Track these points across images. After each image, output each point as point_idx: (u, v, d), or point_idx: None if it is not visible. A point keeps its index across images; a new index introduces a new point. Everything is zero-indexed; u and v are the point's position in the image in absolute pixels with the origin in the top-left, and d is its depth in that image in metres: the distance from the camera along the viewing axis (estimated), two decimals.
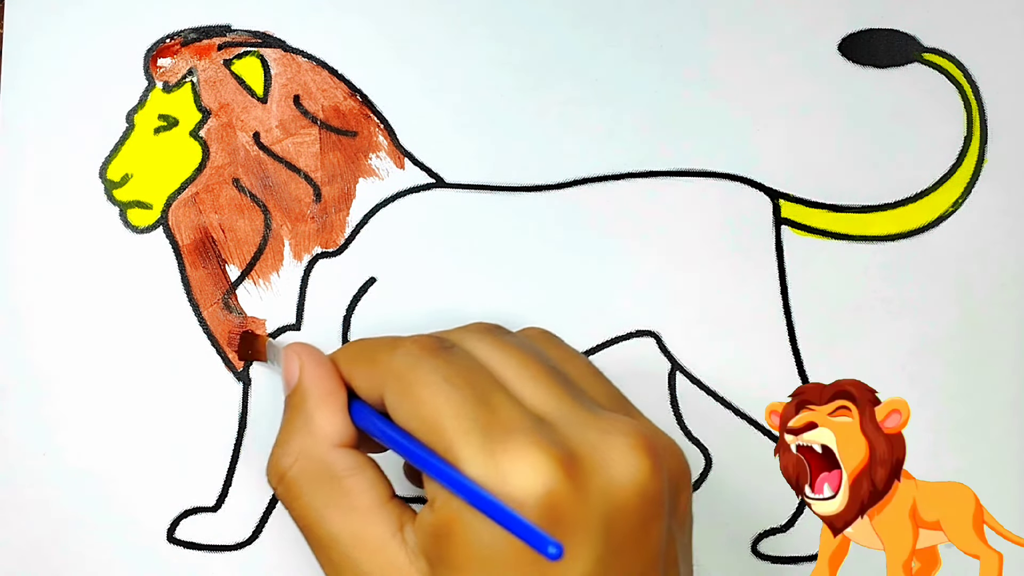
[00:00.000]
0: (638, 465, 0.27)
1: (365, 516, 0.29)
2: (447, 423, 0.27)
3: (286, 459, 0.31)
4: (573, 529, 0.26)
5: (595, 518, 0.27)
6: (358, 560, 0.29)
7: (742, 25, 0.42)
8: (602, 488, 0.27)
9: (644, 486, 0.27)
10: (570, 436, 0.27)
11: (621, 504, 0.27)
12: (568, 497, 0.26)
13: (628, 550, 0.27)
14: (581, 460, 0.27)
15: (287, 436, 0.31)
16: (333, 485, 0.30)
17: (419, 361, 0.29)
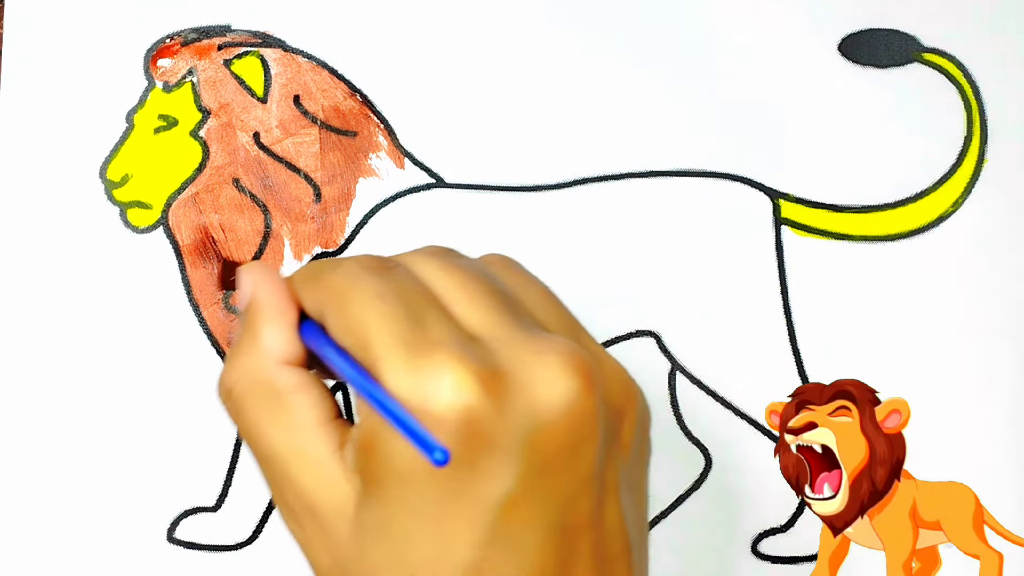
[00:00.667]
0: (567, 384, 0.27)
1: (305, 433, 0.29)
2: (373, 338, 0.27)
3: (232, 375, 0.31)
4: (492, 446, 0.26)
5: (516, 436, 0.26)
6: (296, 476, 0.29)
7: (742, 25, 0.42)
8: (525, 406, 0.26)
9: (572, 405, 0.27)
10: (499, 354, 0.27)
11: (546, 423, 0.27)
12: (487, 414, 0.26)
13: (554, 471, 0.27)
14: (504, 377, 0.27)
15: (235, 352, 0.31)
16: (275, 401, 0.30)
17: (357, 279, 0.28)
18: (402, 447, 0.26)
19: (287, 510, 0.29)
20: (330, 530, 0.29)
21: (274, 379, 0.30)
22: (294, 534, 0.30)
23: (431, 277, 0.29)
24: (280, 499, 0.30)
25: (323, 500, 0.28)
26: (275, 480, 0.30)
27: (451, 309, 0.29)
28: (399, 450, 0.26)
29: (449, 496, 0.27)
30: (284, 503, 0.29)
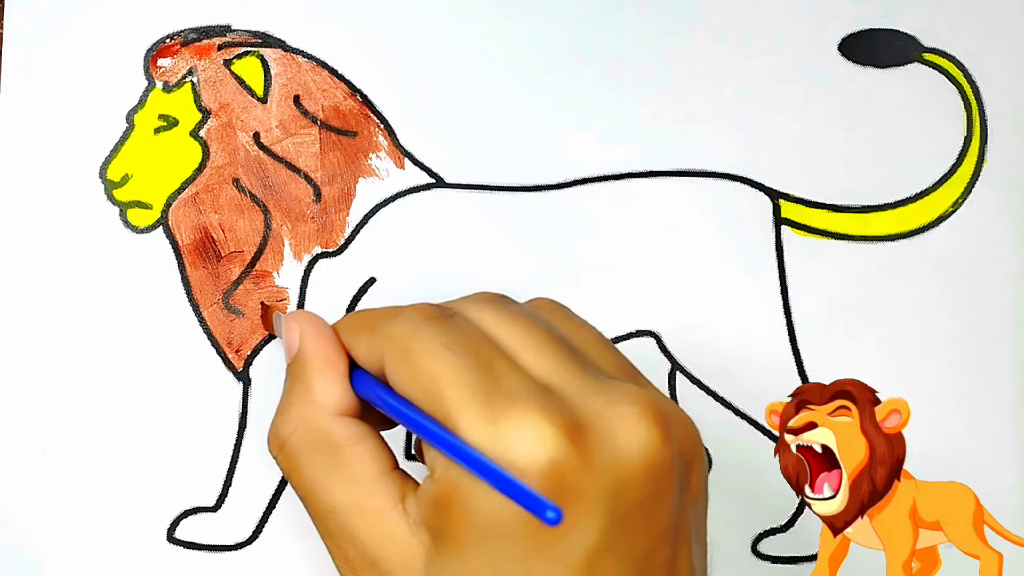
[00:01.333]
0: (646, 435, 0.26)
1: (365, 486, 0.28)
2: (447, 391, 0.26)
3: (286, 427, 0.30)
4: (577, 499, 0.25)
5: (601, 489, 0.26)
6: (357, 531, 0.28)
7: (742, 25, 0.42)
8: (608, 458, 0.26)
9: (653, 457, 0.26)
10: (576, 405, 0.27)
11: (628, 475, 0.26)
12: (573, 466, 0.25)
13: (635, 523, 0.26)
14: (587, 429, 0.26)
15: (287, 404, 0.31)
16: (333, 454, 0.29)
17: (419, 328, 0.28)
18: (488, 503, 0.26)
19: (346, 564, 0.29)
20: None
21: (330, 431, 0.29)
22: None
23: (491, 326, 0.29)
24: (339, 553, 0.29)
25: (388, 555, 0.28)
26: (333, 534, 0.29)
27: (517, 358, 0.28)
28: (484, 506, 0.26)
29: (533, 552, 0.26)
30: (344, 557, 0.29)
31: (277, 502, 0.40)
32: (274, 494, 0.40)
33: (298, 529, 0.40)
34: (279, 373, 0.40)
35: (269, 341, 0.40)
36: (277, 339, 0.40)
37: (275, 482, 0.40)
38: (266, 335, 0.40)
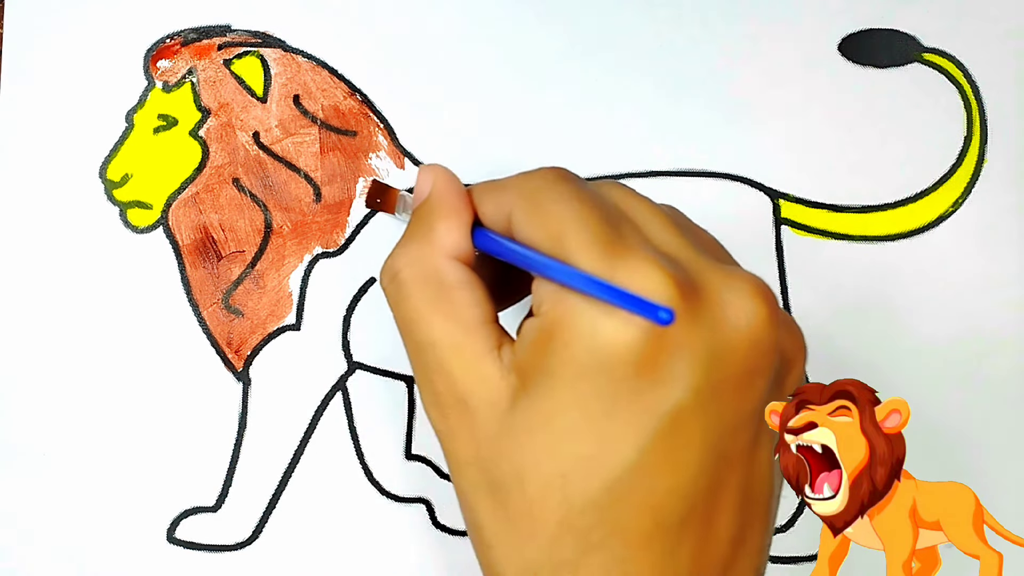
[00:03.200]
0: (755, 311, 0.27)
1: (467, 327, 0.29)
2: (571, 234, 0.27)
3: (402, 259, 0.31)
4: (678, 351, 0.26)
5: (702, 348, 0.26)
6: (453, 367, 0.29)
7: (742, 25, 0.42)
8: (715, 322, 0.27)
9: (756, 334, 0.27)
10: (693, 270, 0.28)
11: (731, 344, 0.27)
12: (680, 317, 0.26)
13: (727, 394, 0.27)
14: (700, 290, 0.27)
15: (407, 241, 0.31)
16: (442, 292, 0.30)
17: (552, 182, 0.29)
18: (591, 336, 0.26)
19: (433, 398, 0.29)
20: (479, 422, 0.28)
21: (443, 271, 0.30)
22: (435, 423, 0.30)
23: (620, 199, 0.30)
24: (428, 387, 0.30)
25: (477, 392, 0.28)
26: (427, 368, 0.30)
27: (642, 228, 0.29)
28: (584, 341, 0.26)
29: (624, 394, 0.26)
30: (432, 392, 0.29)
31: (277, 502, 0.40)
32: (274, 494, 0.40)
33: (298, 529, 0.40)
34: (279, 373, 0.40)
35: (269, 341, 0.40)
36: (278, 338, 0.40)
37: (275, 482, 0.40)
38: (266, 335, 0.40)
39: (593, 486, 0.27)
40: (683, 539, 0.27)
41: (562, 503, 0.27)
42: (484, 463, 0.28)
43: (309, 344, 0.40)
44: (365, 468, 0.40)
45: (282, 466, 0.40)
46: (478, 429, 0.28)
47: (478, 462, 0.29)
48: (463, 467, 0.29)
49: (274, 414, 0.40)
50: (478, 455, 0.28)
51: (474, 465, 0.29)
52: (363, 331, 0.40)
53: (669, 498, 0.27)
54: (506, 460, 0.28)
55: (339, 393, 0.40)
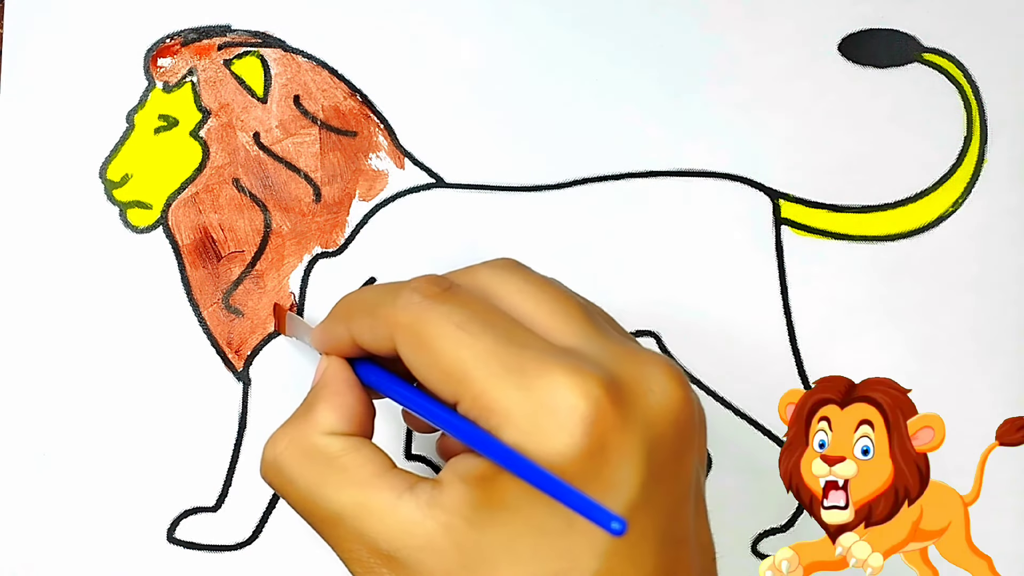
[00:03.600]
0: (677, 395, 0.28)
1: (367, 486, 0.28)
2: (474, 373, 0.26)
3: (277, 445, 0.30)
4: (618, 456, 0.26)
5: (638, 445, 0.26)
6: (367, 529, 0.28)
7: (742, 25, 0.42)
8: (643, 416, 0.27)
9: (680, 415, 0.28)
10: (606, 364, 0.27)
11: (662, 432, 0.27)
12: (612, 423, 0.26)
13: (666, 479, 0.27)
14: (622, 387, 0.27)
15: (283, 427, 0.31)
16: (328, 464, 0.29)
17: (423, 311, 0.28)
18: (534, 459, 0.26)
19: (360, 565, 0.29)
20: (418, 570, 0.28)
21: (323, 446, 0.30)
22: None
23: (507, 293, 0.29)
24: (351, 557, 0.29)
25: (404, 543, 0.28)
26: (342, 538, 0.29)
27: (537, 325, 0.28)
28: (534, 458, 0.26)
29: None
30: (358, 561, 0.28)
31: (277, 502, 0.40)
32: (274, 494, 0.40)
33: (298, 529, 0.40)
34: (279, 373, 0.40)
35: (269, 341, 0.40)
36: (278, 338, 0.40)
37: None
38: (266, 335, 0.40)
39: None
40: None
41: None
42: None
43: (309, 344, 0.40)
44: None
45: None
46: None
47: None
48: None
49: (274, 414, 0.40)
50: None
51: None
52: None
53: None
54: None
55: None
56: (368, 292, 0.31)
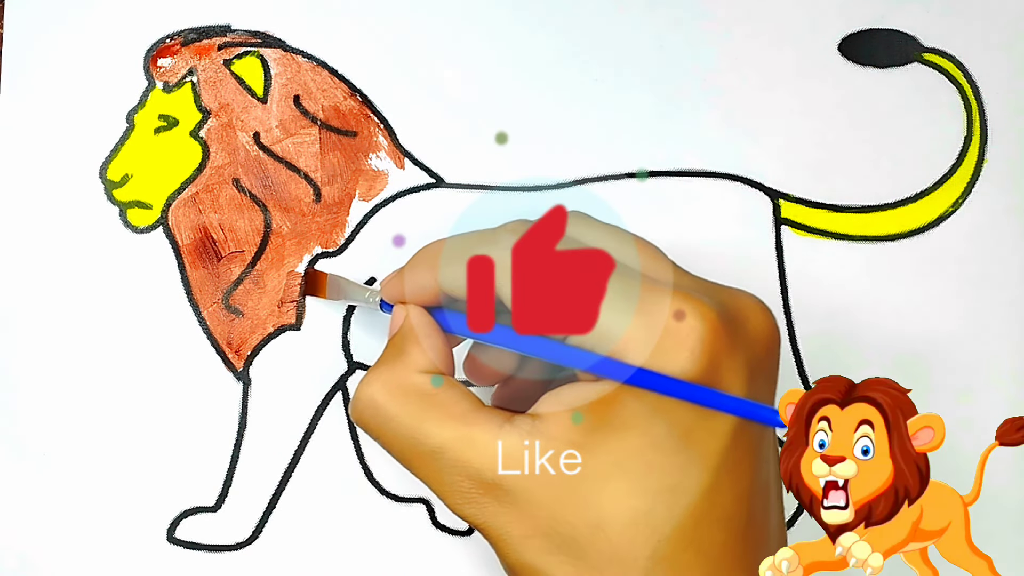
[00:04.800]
0: (765, 320, 0.31)
1: (467, 418, 0.30)
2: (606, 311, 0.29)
3: (372, 386, 0.31)
4: (729, 373, 0.29)
5: (743, 364, 0.29)
6: (470, 460, 0.29)
7: (742, 25, 0.42)
8: (745, 339, 0.30)
9: (771, 340, 0.31)
10: (708, 296, 0.30)
11: (757, 353, 0.30)
12: (725, 344, 0.29)
13: (762, 389, 0.31)
14: (728, 314, 0.30)
15: (373, 368, 0.32)
16: (427, 400, 0.30)
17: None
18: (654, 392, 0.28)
19: (462, 498, 0.30)
20: (526, 496, 0.29)
21: (419, 383, 0.31)
22: (474, 518, 0.30)
23: (584, 238, 0.32)
24: (452, 490, 0.30)
25: (508, 470, 0.29)
26: (443, 473, 0.30)
27: (651, 274, 0.31)
28: (652, 395, 0.28)
29: (691, 427, 0.28)
30: (459, 492, 0.30)
31: (277, 502, 0.40)
32: (274, 494, 0.40)
33: (298, 529, 0.40)
34: (279, 373, 0.40)
35: (269, 341, 0.40)
36: (278, 338, 0.40)
37: (275, 482, 0.40)
38: (266, 335, 0.40)
39: (677, 513, 0.28)
40: (747, 543, 0.30)
41: (650, 537, 0.28)
42: (547, 530, 0.29)
43: (309, 344, 0.40)
44: (365, 468, 0.40)
45: (282, 466, 0.40)
46: (527, 503, 0.29)
47: (539, 531, 0.29)
48: (523, 542, 0.29)
49: (274, 414, 0.40)
50: (537, 525, 0.29)
51: (535, 536, 0.29)
52: (363, 331, 0.40)
53: (736, 506, 0.29)
54: (577, 516, 0.28)
55: (339, 393, 0.40)
56: (456, 240, 0.32)
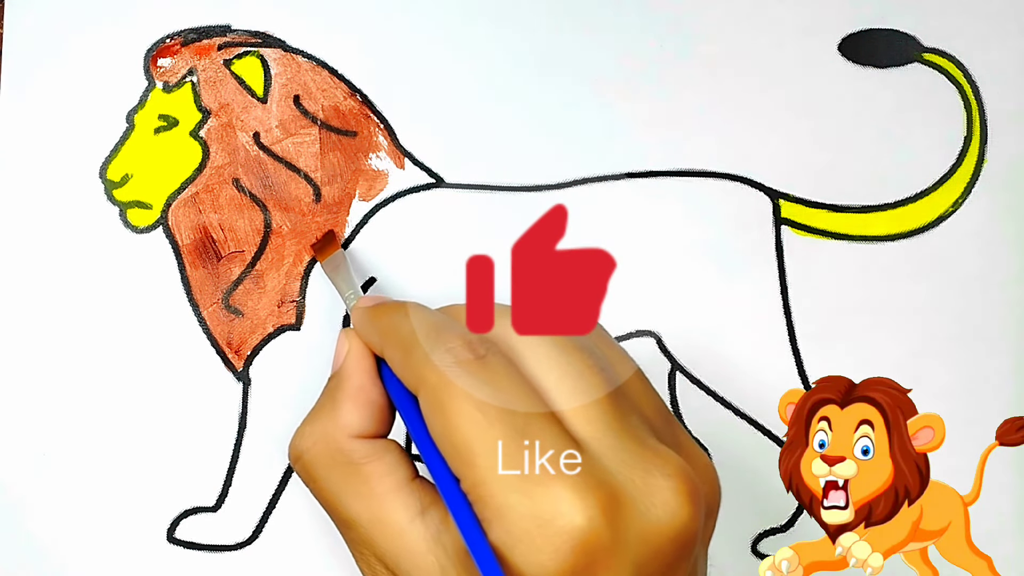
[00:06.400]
0: (679, 512, 0.27)
1: (383, 500, 0.29)
2: (479, 460, 0.27)
3: (305, 442, 0.31)
4: (606, 571, 0.26)
5: (629, 562, 0.26)
6: (377, 542, 0.29)
7: (742, 25, 0.42)
8: (640, 532, 0.27)
9: (680, 531, 0.27)
10: (613, 473, 0.27)
11: (656, 548, 0.27)
12: (604, 541, 0.26)
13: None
14: (622, 503, 0.27)
15: (311, 420, 0.32)
16: (350, 470, 0.30)
17: (453, 378, 0.28)
18: (516, 564, 0.26)
19: (369, 570, 0.30)
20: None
21: (349, 451, 0.30)
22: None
23: (536, 364, 0.29)
24: (362, 559, 0.30)
25: (407, 568, 0.28)
26: (355, 542, 0.30)
27: (556, 403, 0.28)
28: (513, 566, 0.26)
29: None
30: (368, 565, 0.30)
31: (277, 502, 0.40)
32: (274, 494, 0.40)
33: (298, 529, 0.40)
34: (279, 373, 0.40)
35: (269, 341, 0.40)
36: (278, 338, 0.40)
37: (275, 482, 0.40)
38: (266, 335, 0.40)
39: None
40: None
41: None
42: None
43: (309, 344, 0.40)
44: None
45: (282, 466, 0.40)
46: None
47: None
48: None
49: (274, 414, 0.40)
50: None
51: None
52: None
53: None
54: None
55: None
56: (409, 325, 0.31)
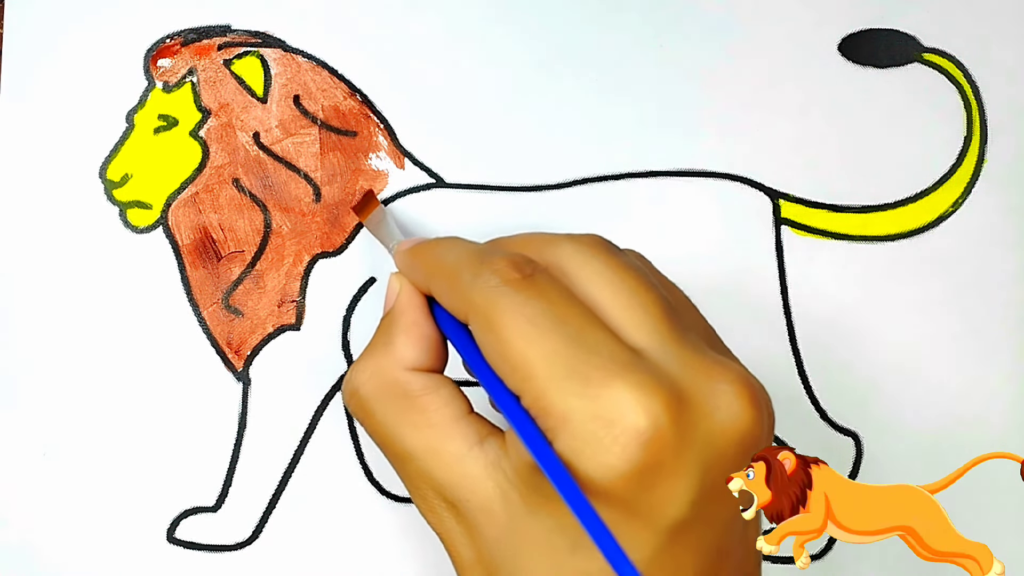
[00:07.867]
0: (743, 415, 0.27)
1: (441, 431, 0.29)
2: (538, 371, 0.26)
3: (360, 376, 0.31)
4: (673, 476, 0.26)
5: (695, 463, 0.26)
6: (435, 473, 0.29)
7: (742, 25, 0.42)
8: (705, 434, 0.26)
9: (745, 434, 0.27)
10: (676, 375, 0.26)
11: (721, 451, 0.26)
12: (671, 440, 0.25)
13: (722, 496, 0.27)
14: (687, 402, 0.26)
15: (365, 356, 0.31)
16: (407, 403, 0.30)
17: (500, 297, 0.27)
18: (588, 467, 0.25)
19: (425, 504, 0.29)
20: (475, 526, 0.28)
21: (405, 382, 0.30)
22: (433, 526, 0.30)
23: (590, 281, 0.28)
24: (417, 494, 0.30)
25: (465, 496, 0.28)
26: (411, 477, 0.30)
27: (613, 318, 0.28)
28: (581, 471, 0.26)
29: (624, 516, 0.26)
30: (422, 498, 0.29)
31: (277, 502, 0.40)
32: (274, 494, 0.40)
33: (298, 529, 0.40)
34: (279, 373, 0.40)
35: (269, 341, 0.40)
36: (278, 338, 0.40)
37: (275, 482, 0.40)
38: (266, 335, 0.40)
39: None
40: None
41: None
42: (486, 565, 0.28)
43: (309, 344, 0.40)
44: (365, 468, 0.40)
45: (282, 466, 0.40)
46: (475, 532, 0.28)
47: (480, 564, 0.28)
48: (468, 567, 0.29)
49: (274, 414, 0.40)
50: (479, 559, 0.28)
51: (477, 567, 0.28)
52: (363, 331, 0.40)
53: (697, 559, 0.27)
54: (507, 567, 0.27)
55: (339, 393, 0.40)
56: (453, 255, 0.30)
